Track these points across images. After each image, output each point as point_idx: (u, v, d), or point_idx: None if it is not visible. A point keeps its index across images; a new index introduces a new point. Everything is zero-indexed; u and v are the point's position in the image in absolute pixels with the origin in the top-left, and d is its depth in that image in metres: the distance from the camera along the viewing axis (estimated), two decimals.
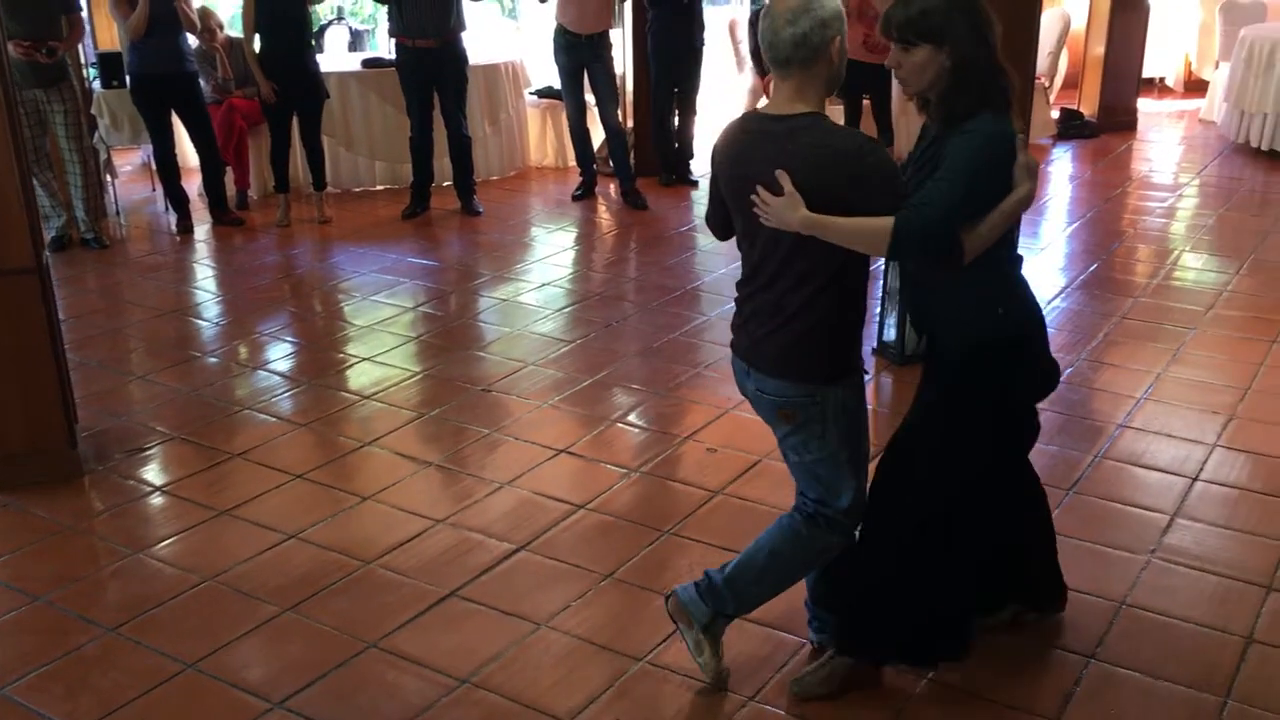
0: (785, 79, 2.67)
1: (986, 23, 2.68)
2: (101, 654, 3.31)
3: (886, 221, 2.57)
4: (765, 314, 2.80)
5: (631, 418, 4.76)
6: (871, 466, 3.00)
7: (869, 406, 2.99)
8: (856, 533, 3.00)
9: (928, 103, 2.77)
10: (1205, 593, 3.50)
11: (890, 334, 5.21)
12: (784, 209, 2.60)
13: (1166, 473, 4.20)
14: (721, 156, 2.84)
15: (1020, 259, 2.89)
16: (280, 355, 5.56)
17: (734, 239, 2.94)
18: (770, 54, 2.65)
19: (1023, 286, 2.88)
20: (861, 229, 2.61)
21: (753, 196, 2.66)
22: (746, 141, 2.76)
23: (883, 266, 5.37)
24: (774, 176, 2.62)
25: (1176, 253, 6.79)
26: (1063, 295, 6.00)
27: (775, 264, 2.75)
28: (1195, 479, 4.15)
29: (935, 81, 2.69)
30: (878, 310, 5.37)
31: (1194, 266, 6.56)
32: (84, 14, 7.27)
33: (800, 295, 2.74)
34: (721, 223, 2.97)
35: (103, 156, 7.44)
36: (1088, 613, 3.40)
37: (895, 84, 8.19)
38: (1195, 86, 10.93)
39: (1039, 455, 4.29)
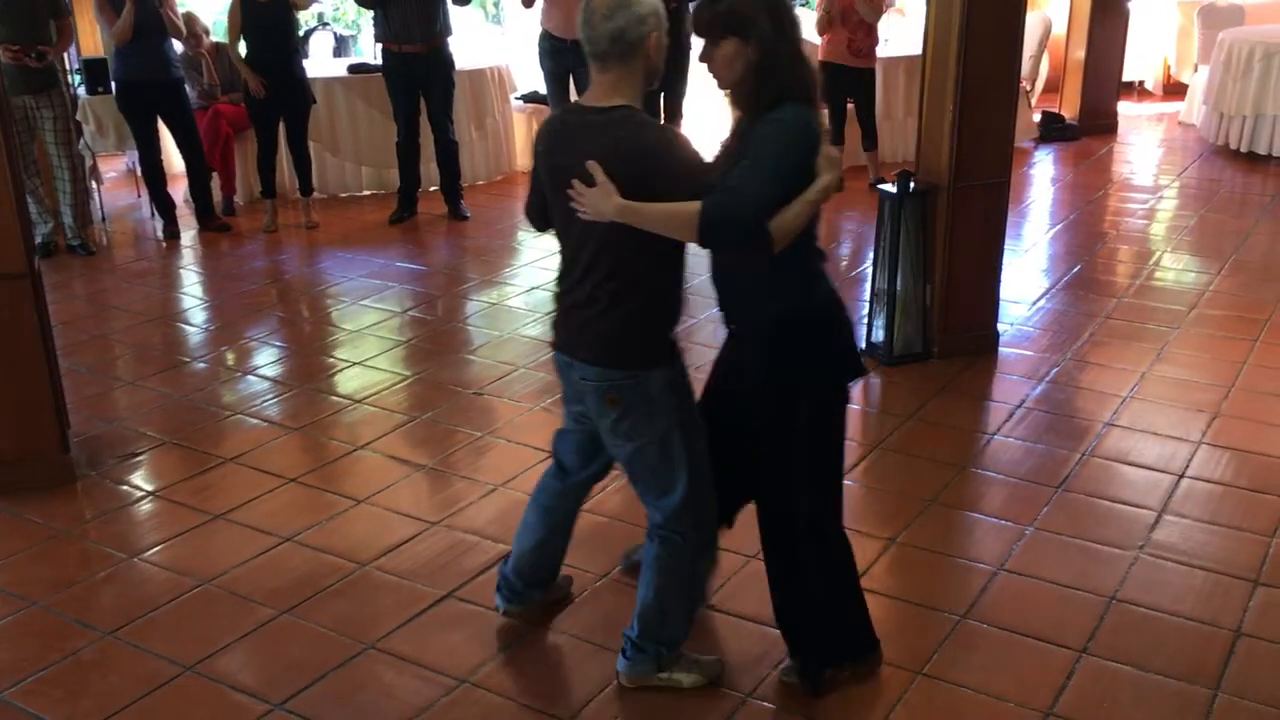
0: (603, 73, 2.72)
1: (789, 18, 2.75)
2: (99, 658, 3.32)
3: (697, 206, 2.61)
4: (581, 305, 2.83)
5: None
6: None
7: (857, 407, 3.00)
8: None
9: (739, 97, 2.83)
10: (1194, 587, 3.55)
11: (879, 335, 5.23)
12: (597, 199, 2.65)
13: (1153, 470, 4.25)
14: (542, 147, 2.86)
15: (821, 253, 2.91)
16: (269, 360, 5.56)
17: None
18: (588, 48, 2.69)
19: (818, 271, 2.90)
20: (673, 215, 2.64)
21: (569, 190, 2.69)
22: (564, 133, 2.79)
23: (870, 269, 5.40)
24: (586, 168, 2.65)
25: (1158, 254, 6.85)
26: (1047, 296, 6.06)
27: (589, 255, 2.77)
28: (1181, 476, 4.20)
29: (744, 75, 2.76)
30: (865, 311, 5.41)
31: (1176, 267, 6.62)
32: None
33: (613, 285, 2.76)
34: (539, 214, 3.01)
35: (88, 163, 7.41)
36: (1078, 608, 3.44)
37: (880, 89, 8.32)
38: (1174, 90, 11.03)
39: (1026, 453, 4.39)
